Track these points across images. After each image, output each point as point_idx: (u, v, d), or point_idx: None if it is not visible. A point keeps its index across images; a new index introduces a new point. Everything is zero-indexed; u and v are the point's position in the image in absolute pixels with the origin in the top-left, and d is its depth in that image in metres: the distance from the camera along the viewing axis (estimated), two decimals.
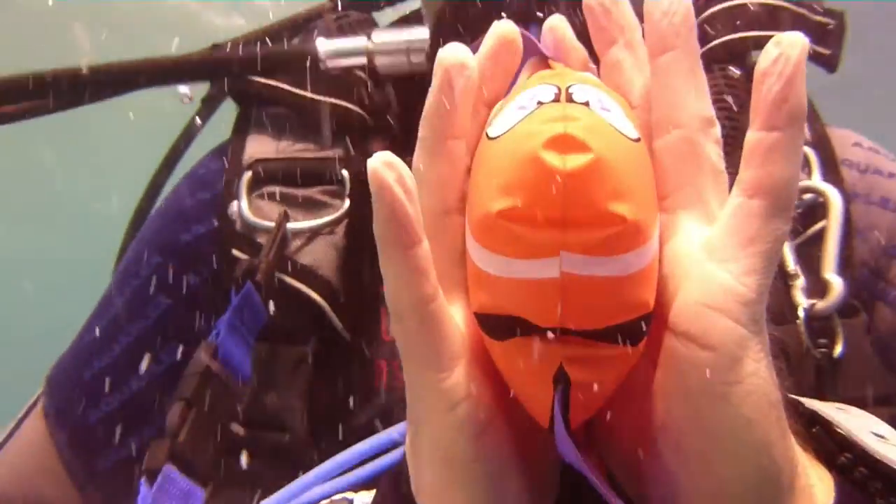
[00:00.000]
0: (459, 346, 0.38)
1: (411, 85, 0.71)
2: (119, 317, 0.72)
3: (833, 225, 0.63)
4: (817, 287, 0.62)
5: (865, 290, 0.66)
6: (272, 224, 0.68)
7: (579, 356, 0.36)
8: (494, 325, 0.37)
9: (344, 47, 0.71)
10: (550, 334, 0.36)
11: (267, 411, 0.63)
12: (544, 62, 0.46)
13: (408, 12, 0.83)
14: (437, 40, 0.65)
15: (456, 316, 0.39)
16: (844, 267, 0.64)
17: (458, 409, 0.37)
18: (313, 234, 0.69)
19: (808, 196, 0.66)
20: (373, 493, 0.47)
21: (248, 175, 0.71)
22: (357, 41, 0.70)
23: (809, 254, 0.64)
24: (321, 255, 0.68)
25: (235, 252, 0.69)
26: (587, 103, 0.37)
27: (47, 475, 0.70)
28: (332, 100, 0.73)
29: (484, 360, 0.39)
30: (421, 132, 0.40)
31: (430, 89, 0.40)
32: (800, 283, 0.63)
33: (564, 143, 0.34)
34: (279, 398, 0.64)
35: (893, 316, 0.65)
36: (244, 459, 0.61)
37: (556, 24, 0.45)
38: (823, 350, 0.61)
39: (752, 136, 0.37)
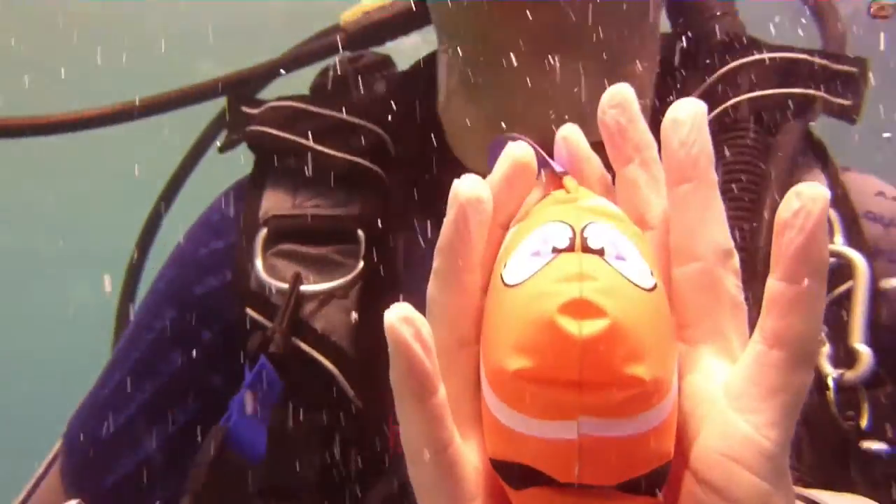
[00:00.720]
0: (475, 487, 0.38)
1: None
2: (134, 373, 0.73)
3: (860, 291, 0.62)
4: (843, 355, 0.62)
5: (890, 356, 0.64)
6: (286, 286, 0.68)
7: None
8: (511, 473, 0.37)
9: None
10: (568, 486, 0.36)
11: (280, 482, 0.64)
12: (557, 176, 0.45)
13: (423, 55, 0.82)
14: None
15: (470, 452, 0.39)
16: (870, 333, 0.63)
17: None
18: (327, 297, 0.69)
19: (831, 260, 0.64)
20: None
21: (263, 232, 0.71)
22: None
23: (834, 318, 0.63)
24: (334, 320, 0.68)
25: (249, 311, 0.69)
26: (602, 251, 0.36)
27: None
28: (350, 157, 0.72)
29: (499, 496, 0.39)
30: (435, 264, 0.40)
31: (445, 221, 0.40)
32: (826, 350, 0.62)
33: (580, 308, 0.34)
34: (292, 468, 0.64)
35: None
36: None
37: (571, 134, 0.45)
38: (851, 422, 0.60)
39: (774, 286, 0.37)
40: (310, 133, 0.72)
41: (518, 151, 0.42)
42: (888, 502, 0.55)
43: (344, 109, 0.74)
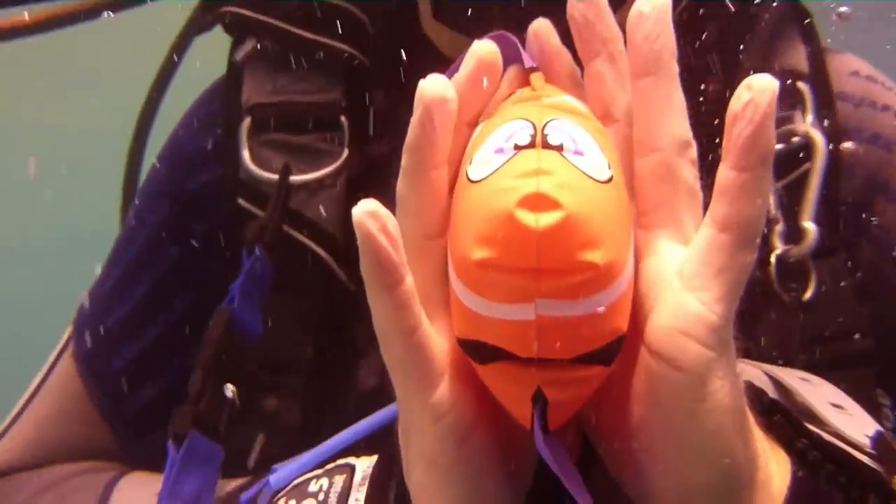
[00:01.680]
0: (443, 364, 0.42)
1: (405, 28, 0.71)
2: (133, 266, 0.76)
3: (815, 173, 0.65)
4: (795, 232, 0.65)
5: (849, 227, 0.68)
6: (275, 177, 0.70)
7: (555, 379, 0.40)
8: (476, 350, 0.41)
9: None
10: (528, 362, 0.40)
11: (277, 362, 0.68)
12: (525, 72, 0.47)
13: None
14: None
15: (439, 334, 0.43)
16: (828, 207, 0.66)
17: (443, 421, 0.42)
18: (317, 185, 0.71)
19: (796, 139, 0.67)
20: (373, 459, 0.53)
21: (247, 121, 0.72)
22: None
23: (792, 197, 0.66)
24: (324, 208, 0.70)
25: (241, 201, 0.71)
26: (561, 146, 0.39)
27: (83, 418, 0.76)
28: (329, 41, 0.72)
29: (466, 372, 0.43)
30: (403, 161, 0.43)
31: (412, 121, 0.42)
32: (779, 228, 0.65)
33: (537, 202, 0.37)
34: (288, 347, 0.68)
35: (873, 252, 0.68)
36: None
37: (541, 29, 0.46)
38: (793, 294, 0.64)
39: (724, 174, 0.40)
40: (286, 15, 0.72)
41: (483, 50, 0.43)
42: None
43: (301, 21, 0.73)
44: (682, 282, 0.41)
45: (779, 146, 0.66)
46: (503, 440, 0.44)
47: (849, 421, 0.49)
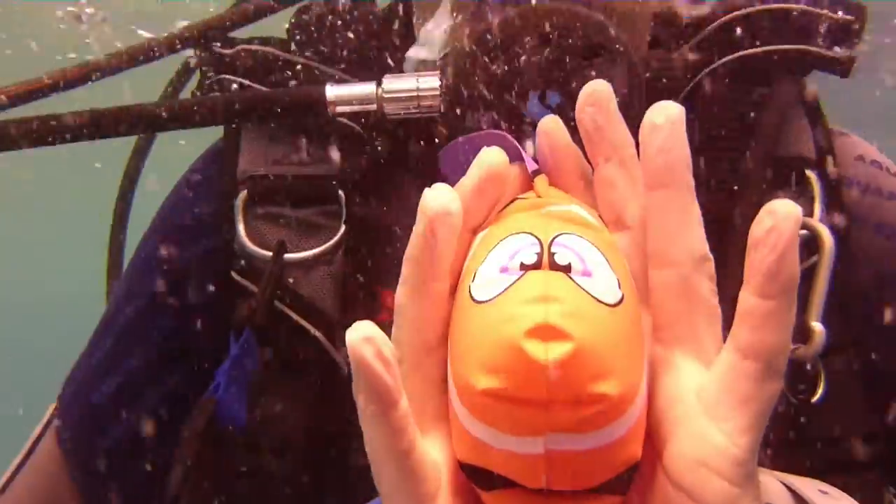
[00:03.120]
0: (436, 486, 0.40)
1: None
2: (123, 339, 0.74)
3: (822, 270, 0.63)
4: (802, 331, 0.63)
5: (859, 318, 0.66)
6: (270, 254, 0.68)
7: None
8: (480, 477, 0.39)
9: (353, 93, 0.68)
10: (537, 492, 0.38)
11: (266, 444, 0.65)
12: (527, 171, 0.46)
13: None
14: (450, 89, 0.63)
15: (435, 449, 0.41)
16: (836, 300, 0.64)
17: None
18: (313, 263, 0.69)
19: (803, 232, 0.65)
20: None
21: (243, 194, 0.71)
22: (366, 87, 0.68)
23: (798, 291, 0.65)
24: (320, 286, 0.69)
25: (234, 276, 0.70)
26: (569, 266, 0.37)
27: (62, 500, 0.73)
28: None
29: (464, 489, 0.41)
30: (404, 271, 0.41)
31: (413, 232, 0.41)
32: None
33: (546, 332, 0.35)
34: (278, 431, 0.66)
35: (881, 344, 0.66)
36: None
37: (550, 127, 0.45)
38: (801, 397, 0.63)
39: (747, 300, 0.38)
40: (284, 85, 0.71)
41: (491, 159, 0.42)
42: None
43: (320, 57, 0.73)
44: (703, 409, 0.39)
45: None
46: None
47: None
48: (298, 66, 0.73)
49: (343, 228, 0.69)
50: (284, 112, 0.68)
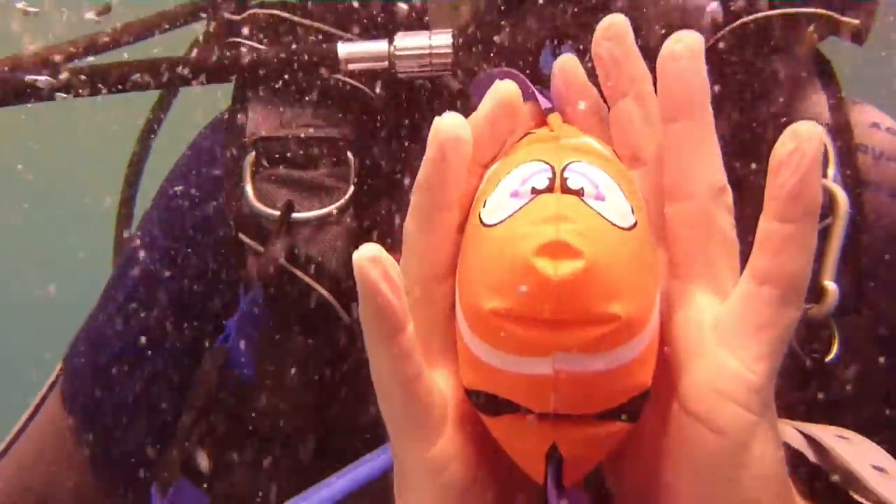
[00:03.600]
0: (443, 415, 0.40)
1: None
2: (128, 301, 0.73)
3: (837, 230, 0.63)
4: (815, 291, 0.62)
5: (872, 280, 0.66)
6: (278, 213, 0.68)
7: (573, 436, 0.38)
8: (486, 402, 0.38)
9: (365, 51, 0.68)
10: (543, 416, 0.37)
11: (275, 406, 0.65)
12: (540, 110, 0.45)
13: None
14: (464, 45, 0.64)
15: (441, 381, 0.41)
16: (849, 263, 0.64)
17: (442, 476, 0.40)
18: (321, 222, 0.69)
19: None
20: None
21: (251, 155, 0.70)
22: (378, 45, 0.67)
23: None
24: (328, 246, 0.68)
25: (243, 237, 0.69)
26: (581, 191, 0.37)
27: (66, 461, 0.73)
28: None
29: (470, 422, 0.41)
30: (413, 200, 0.41)
31: (424, 158, 0.40)
32: None
33: (556, 250, 0.35)
34: (287, 393, 0.65)
35: (894, 306, 0.66)
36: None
37: (567, 65, 0.44)
38: (815, 356, 0.62)
39: (767, 225, 0.37)
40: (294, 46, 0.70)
41: (504, 90, 0.42)
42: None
43: (331, 18, 0.72)
44: (719, 338, 0.38)
45: None
46: (510, 493, 0.42)
47: (893, 486, 0.46)
48: (310, 29, 0.72)
49: (352, 189, 0.69)
50: (296, 69, 0.68)
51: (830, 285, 0.62)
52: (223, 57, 0.68)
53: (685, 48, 0.39)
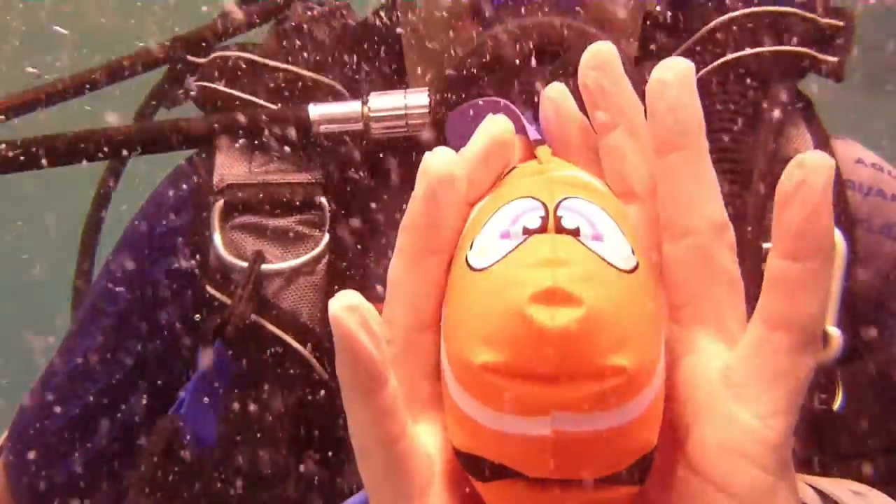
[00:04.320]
0: (428, 479, 0.36)
1: None
2: (86, 363, 0.69)
3: (836, 271, 0.61)
4: None
5: (866, 322, 0.63)
6: (246, 264, 0.64)
7: (574, 502, 0.34)
8: (477, 466, 0.35)
9: (338, 113, 0.66)
10: (541, 482, 0.33)
11: (248, 468, 0.60)
12: (529, 143, 0.42)
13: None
14: (440, 106, 0.62)
15: (427, 438, 0.37)
16: (844, 305, 0.61)
17: None
18: (293, 274, 0.66)
19: None
20: None
21: (220, 203, 0.67)
22: (352, 106, 0.66)
23: None
24: (302, 298, 0.65)
25: (210, 290, 0.65)
26: (577, 230, 0.33)
27: None
28: None
29: (459, 482, 0.37)
30: (399, 241, 0.37)
31: (413, 196, 0.37)
32: None
33: (553, 297, 0.31)
34: (261, 453, 0.61)
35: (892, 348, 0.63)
36: None
37: (556, 94, 0.41)
38: (823, 406, 0.59)
39: (777, 265, 0.34)
40: (267, 89, 0.69)
41: (498, 125, 0.39)
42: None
43: (301, 62, 0.70)
44: (730, 391, 0.35)
45: None
46: None
47: None
48: (280, 73, 0.70)
49: (326, 238, 0.66)
50: (267, 134, 0.66)
51: (834, 331, 0.59)
52: (183, 125, 0.66)
53: (675, 76, 0.37)
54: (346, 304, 0.32)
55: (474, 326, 0.33)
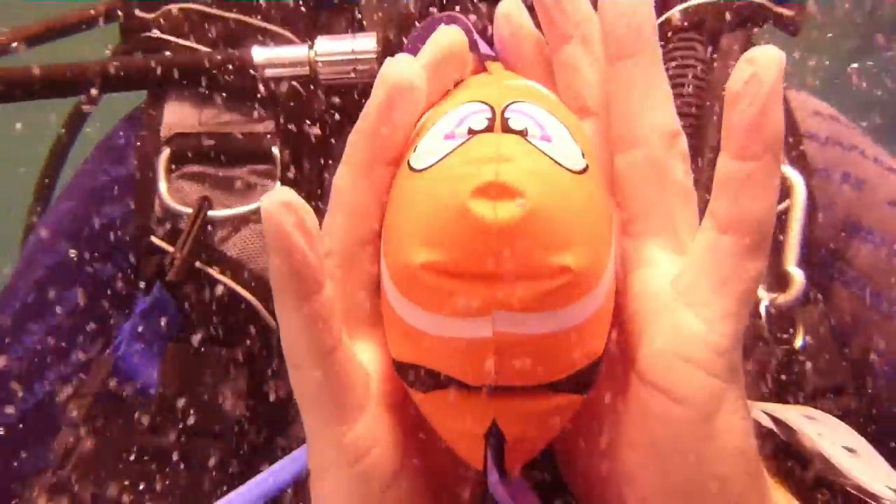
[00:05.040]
0: (365, 394, 0.35)
1: None
2: (22, 312, 0.66)
3: (796, 213, 0.60)
4: (777, 277, 0.59)
5: (822, 270, 0.63)
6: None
7: (515, 411, 0.33)
8: (416, 376, 0.33)
9: (283, 56, 0.64)
10: (481, 390, 0.32)
11: (193, 418, 0.58)
12: (480, 60, 0.41)
13: None
14: (387, 49, 0.60)
15: (365, 355, 0.36)
16: (802, 251, 0.61)
17: (363, 463, 0.34)
18: (241, 221, 0.63)
19: None
20: None
21: (166, 152, 0.65)
22: (298, 50, 0.63)
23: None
24: (251, 246, 0.63)
25: (154, 239, 0.63)
26: (525, 132, 0.32)
27: None
28: None
29: (397, 401, 0.36)
30: (348, 150, 0.36)
31: (369, 103, 0.35)
32: None
33: (496, 191, 0.30)
34: (207, 403, 0.59)
35: (849, 297, 0.63)
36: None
37: (512, 10, 0.40)
38: (786, 346, 0.58)
39: (726, 165, 0.33)
40: (212, 40, 0.66)
41: (451, 36, 0.37)
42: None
43: (255, 12, 0.68)
44: (678, 296, 0.34)
45: None
46: (447, 485, 0.37)
47: (865, 469, 0.42)
48: (230, 22, 0.68)
49: (278, 186, 0.64)
50: (211, 77, 0.63)
51: (796, 271, 0.58)
52: (128, 66, 0.64)
53: None
54: (281, 200, 0.31)
55: (414, 227, 0.32)
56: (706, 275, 0.33)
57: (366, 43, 0.61)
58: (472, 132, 0.32)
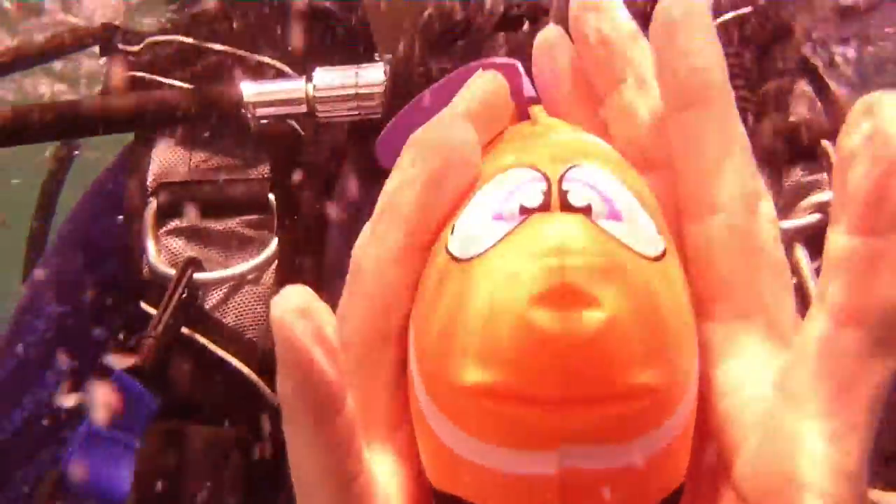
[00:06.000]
0: None
1: None
2: (9, 384, 0.61)
3: None
4: None
5: None
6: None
7: None
8: None
9: (277, 92, 0.56)
10: None
11: None
12: (523, 102, 0.35)
13: None
14: (398, 83, 0.52)
15: (382, 467, 0.29)
16: None
17: None
18: (236, 283, 0.58)
19: (818, 215, 0.56)
20: None
21: (153, 205, 0.60)
22: (293, 85, 0.55)
23: None
24: (246, 312, 0.58)
25: (143, 305, 0.58)
26: (588, 208, 0.26)
27: None
28: None
29: None
30: (380, 227, 0.29)
31: (409, 171, 0.29)
32: None
33: (564, 297, 0.24)
34: (202, 492, 0.53)
35: None
36: None
37: (553, 41, 0.33)
38: None
39: (841, 242, 0.26)
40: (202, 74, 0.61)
41: (488, 84, 0.32)
42: None
43: (240, 42, 0.62)
44: (788, 403, 0.27)
45: (813, 217, 0.56)
46: None
47: None
48: (219, 54, 0.62)
49: (274, 241, 0.58)
50: (195, 118, 0.56)
51: None
52: (105, 108, 0.57)
53: (685, 14, 0.29)
54: (295, 306, 0.24)
55: (459, 336, 0.25)
56: (824, 379, 0.27)
57: (373, 74, 0.54)
58: (524, 211, 0.26)
